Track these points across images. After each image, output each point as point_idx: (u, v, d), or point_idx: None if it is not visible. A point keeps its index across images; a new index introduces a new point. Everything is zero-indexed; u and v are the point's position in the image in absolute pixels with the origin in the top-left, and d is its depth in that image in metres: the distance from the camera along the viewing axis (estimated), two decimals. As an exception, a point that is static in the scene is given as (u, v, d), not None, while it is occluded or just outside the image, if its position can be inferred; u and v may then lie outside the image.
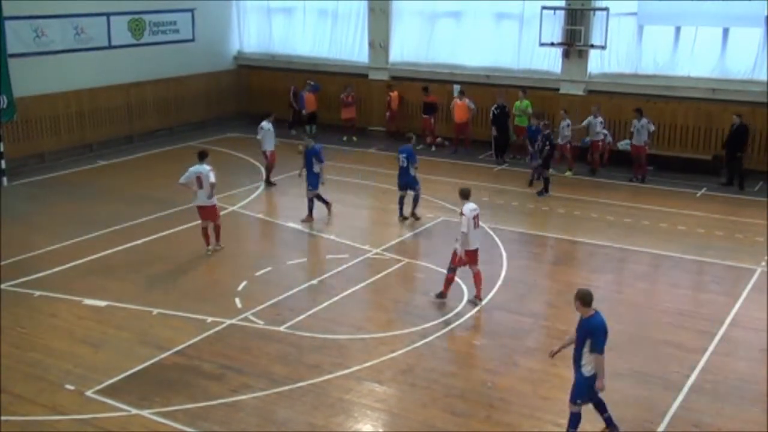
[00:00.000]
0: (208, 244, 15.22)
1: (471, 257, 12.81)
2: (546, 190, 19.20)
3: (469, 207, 12.69)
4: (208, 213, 15.14)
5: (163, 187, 19.45)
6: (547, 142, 19.12)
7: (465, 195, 12.90)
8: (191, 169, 14.90)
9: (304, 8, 27.05)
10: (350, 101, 25.12)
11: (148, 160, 22.68)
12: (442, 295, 12.95)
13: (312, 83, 25.15)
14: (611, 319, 12.46)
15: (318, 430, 9.45)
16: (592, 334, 8.75)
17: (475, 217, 12.71)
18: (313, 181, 16.87)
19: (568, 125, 20.85)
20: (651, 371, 10.79)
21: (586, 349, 8.77)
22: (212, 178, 14.82)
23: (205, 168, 14.84)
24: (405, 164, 16.94)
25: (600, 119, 21.03)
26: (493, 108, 22.17)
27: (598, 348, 8.71)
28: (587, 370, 8.82)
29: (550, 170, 19.37)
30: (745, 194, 19.42)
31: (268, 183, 19.80)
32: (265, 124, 19.49)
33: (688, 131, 21.46)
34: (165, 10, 25.43)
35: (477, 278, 12.95)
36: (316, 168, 16.81)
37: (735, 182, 20.02)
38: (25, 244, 15.40)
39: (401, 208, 17.18)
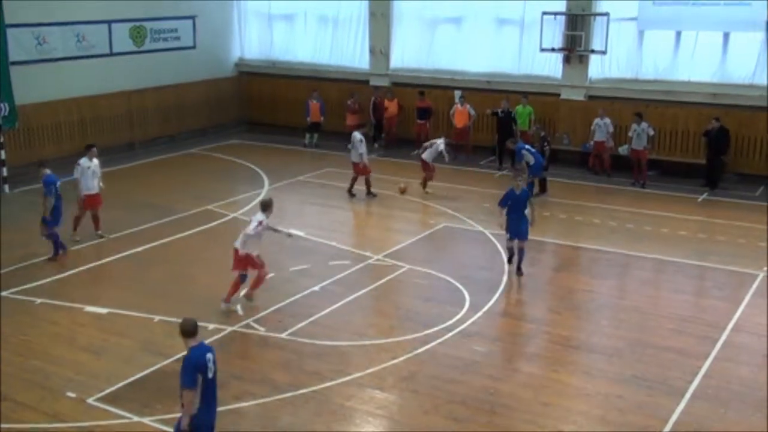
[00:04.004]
0: (97, 229, 16.17)
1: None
2: (544, 190, 19.22)
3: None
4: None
5: (164, 194, 19.50)
6: (545, 143, 19.49)
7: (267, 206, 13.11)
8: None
9: (305, 15, 27.08)
10: (356, 108, 25.09)
11: (150, 168, 22.68)
12: (248, 296, 13.03)
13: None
14: (613, 324, 12.58)
15: (320, 437, 9.45)
16: (182, 368, 7.78)
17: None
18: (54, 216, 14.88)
19: (643, 130, 20.25)
20: (653, 377, 10.77)
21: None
22: (75, 173, 15.80)
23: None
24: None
25: (606, 120, 21.09)
26: (498, 111, 22.16)
27: (181, 381, 7.74)
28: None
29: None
30: (747, 199, 19.41)
31: (370, 194, 19.38)
32: (358, 135, 19.18)
33: (689, 136, 21.45)
34: (166, 18, 25.45)
35: (257, 280, 13.03)
36: (57, 201, 14.82)
37: (714, 181, 20.26)
38: (27, 252, 15.39)
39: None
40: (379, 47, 25.60)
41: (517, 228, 14.28)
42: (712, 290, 14.22)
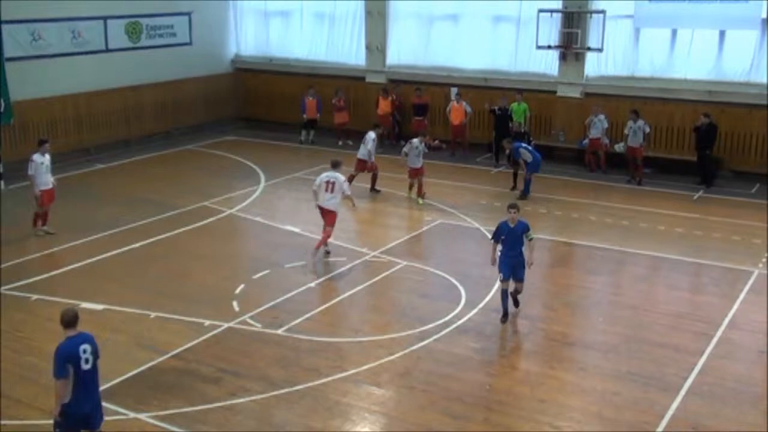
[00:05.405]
0: (44, 224, 16.28)
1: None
2: (522, 190, 18.97)
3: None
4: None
5: (160, 190, 19.47)
6: (529, 141, 19.89)
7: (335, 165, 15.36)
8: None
9: (302, 11, 27.07)
10: (342, 105, 25.07)
11: (146, 164, 22.65)
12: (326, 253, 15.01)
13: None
14: (609, 321, 12.60)
15: (316, 433, 9.46)
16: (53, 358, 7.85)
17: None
18: None
19: (639, 127, 20.26)
20: (649, 373, 10.79)
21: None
22: (29, 169, 15.89)
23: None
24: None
25: (601, 117, 21.15)
26: (495, 108, 22.18)
27: (53, 371, 7.87)
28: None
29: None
30: (743, 196, 19.45)
31: (374, 190, 19.60)
32: (372, 134, 19.40)
33: (685, 133, 21.45)
34: (162, 14, 25.42)
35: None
36: None
37: (709, 179, 20.25)
38: (23, 248, 15.39)
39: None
40: (376, 44, 25.58)
41: (511, 267, 12.15)
42: (708, 287, 14.25)
